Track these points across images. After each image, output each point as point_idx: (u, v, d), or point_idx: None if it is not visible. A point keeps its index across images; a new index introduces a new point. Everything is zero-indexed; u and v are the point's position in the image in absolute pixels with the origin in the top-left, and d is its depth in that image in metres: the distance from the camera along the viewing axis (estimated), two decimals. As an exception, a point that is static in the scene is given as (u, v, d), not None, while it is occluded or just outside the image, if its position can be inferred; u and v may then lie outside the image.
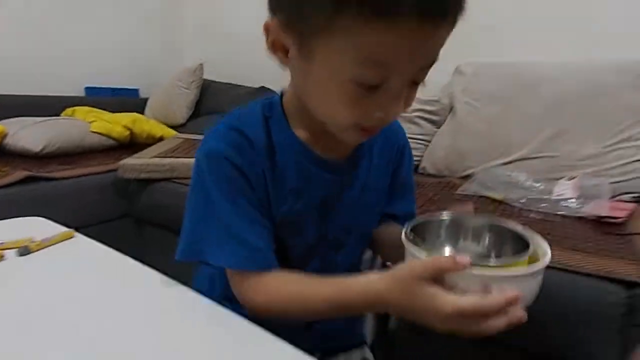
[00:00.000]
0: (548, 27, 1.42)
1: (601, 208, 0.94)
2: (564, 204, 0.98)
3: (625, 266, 0.69)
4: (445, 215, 0.45)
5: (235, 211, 0.44)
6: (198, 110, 2.12)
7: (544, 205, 1.00)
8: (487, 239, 0.44)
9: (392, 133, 0.54)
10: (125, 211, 1.39)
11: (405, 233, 0.41)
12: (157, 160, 1.31)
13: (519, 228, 0.41)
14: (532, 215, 0.98)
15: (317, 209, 0.49)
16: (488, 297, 0.33)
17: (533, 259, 0.37)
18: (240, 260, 0.44)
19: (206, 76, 2.16)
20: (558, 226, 0.90)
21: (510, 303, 0.33)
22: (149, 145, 1.58)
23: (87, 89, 2.10)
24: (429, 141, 1.52)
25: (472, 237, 0.45)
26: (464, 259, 0.34)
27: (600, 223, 0.91)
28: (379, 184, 0.54)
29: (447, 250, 0.44)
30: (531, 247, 0.38)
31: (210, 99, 2.11)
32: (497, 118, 1.37)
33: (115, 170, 1.33)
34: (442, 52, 0.38)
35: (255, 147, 0.45)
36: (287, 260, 0.49)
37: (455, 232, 0.45)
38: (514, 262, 0.36)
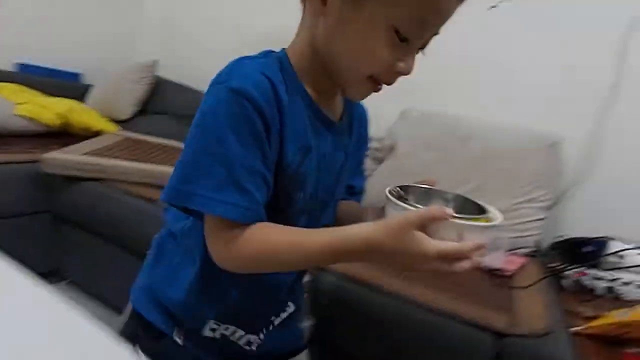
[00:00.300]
0: (484, 87, 1.57)
1: (497, 260, 1.06)
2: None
3: (499, 317, 0.79)
4: (418, 184, 0.53)
5: (245, 156, 0.43)
6: (145, 108, 2.05)
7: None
8: (452, 204, 0.52)
9: (364, 114, 0.61)
10: (44, 207, 1.30)
11: (391, 192, 0.47)
12: (87, 158, 1.25)
13: (477, 200, 0.51)
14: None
15: (318, 167, 0.51)
16: (464, 242, 0.40)
17: (490, 221, 0.45)
18: (239, 211, 0.43)
19: (160, 74, 2.12)
20: (459, 275, 1.00)
21: (479, 249, 0.40)
22: (85, 138, 1.51)
23: (19, 65, 1.89)
24: (369, 175, 1.61)
25: (441, 202, 0.52)
26: (449, 210, 0.40)
27: (494, 275, 1.03)
28: (355, 155, 0.59)
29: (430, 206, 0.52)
30: (489, 211, 0.47)
31: (160, 98, 2.06)
32: (431, 164, 1.49)
33: (38, 161, 1.24)
34: (393, 94, 0.48)
35: (278, 98, 0.45)
36: (283, 214, 0.49)
37: (427, 197, 0.53)
38: (480, 219, 0.44)
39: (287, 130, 0.46)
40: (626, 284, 1.06)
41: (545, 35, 1.43)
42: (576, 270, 1.09)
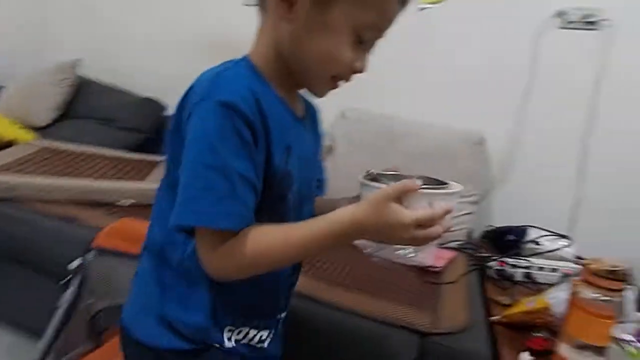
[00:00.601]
0: (417, 88, 1.62)
1: (428, 257, 1.11)
2: (399, 251, 1.13)
3: (424, 316, 0.83)
4: (385, 172, 0.60)
5: (239, 165, 0.45)
6: (67, 112, 1.88)
7: (385, 252, 1.13)
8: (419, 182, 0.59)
9: (317, 111, 0.66)
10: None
11: (365, 176, 0.53)
12: (-7, 175, 1.13)
13: (444, 178, 0.57)
14: (374, 260, 1.11)
15: (299, 163, 0.54)
16: (434, 208, 0.46)
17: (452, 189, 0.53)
18: (237, 221, 0.46)
19: (86, 74, 1.95)
20: (391, 274, 1.04)
21: (447, 212, 0.47)
22: (-6, 150, 1.36)
23: None
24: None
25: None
26: (419, 181, 0.47)
27: (424, 271, 1.08)
28: (317, 149, 0.65)
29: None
30: (449, 184, 0.54)
31: (85, 101, 1.89)
32: (367, 165, 1.50)
33: None
34: (332, 94, 0.55)
35: (261, 107, 0.47)
36: (277, 215, 0.52)
37: (396, 180, 0.58)
38: (444, 188, 0.52)
39: (271, 136, 0.49)
40: (541, 268, 1.16)
41: (471, 37, 1.50)
42: (498, 259, 1.17)
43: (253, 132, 0.46)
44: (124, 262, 0.95)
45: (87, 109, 1.86)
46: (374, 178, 0.54)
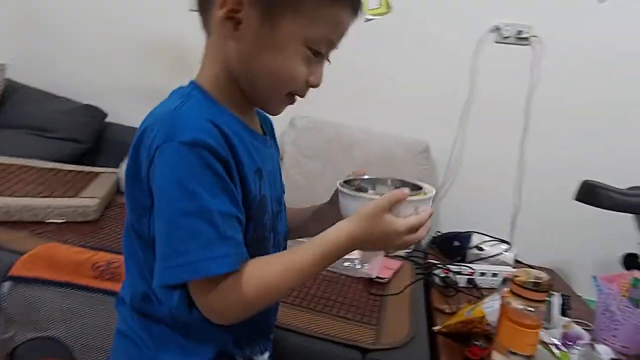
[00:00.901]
0: (366, 97, 1.64)
1: (374, 269, 1.12)
2: (346, 264, 1.13)
3: (367, 331, 0.84)
4: (356, 177, 0.62)
5: (219, 204, 0.43)
6: (-7, 120, 1.73)
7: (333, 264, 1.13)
8: (394, 186, 0.62)
9: (271, 122, 0.65)
10: None
11: (342, 185, 0.55)
12: None
13: (411, 179, 0.61)
14: (322, 273, 1.10)
15: (269, 184, 0.54)
16: (421, 214, 0.50)
17: (428, 192, 0.55)
18: (232, 261, 0.44)
19: (15, 78, 1.80)
20: (337, 288, 1.03)
21: (430, 216, 0.52)
22: None
23: None
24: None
25: (386, 187, 0.62)
26: (406, 190, 0.49)
27: (371, 283, 1.09)
28: (279, 162, 0.64)
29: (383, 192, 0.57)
30: (422, 186, 0.57)
31: (14, 108, 1.74)
32: (316, 174, 1.52)
33: None
34: None
35: (226, 137, 0.45)
36: (260, 241, 0.52)
37: (372, 184, 0.62)
38: (422, 193, 0.54)
39: (243, 165, 0.47)
40: (483, 274, 1.21)
41: (413, 52, 1.54)
42: (443, 267, 1.20)
43: (224, 165, 0.44)
44: (48, 290, 0.88)
45: (17, 117, 1.71)
46: (358, 187, 0.58)
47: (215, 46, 0.50)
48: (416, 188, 0.56)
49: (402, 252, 1.32)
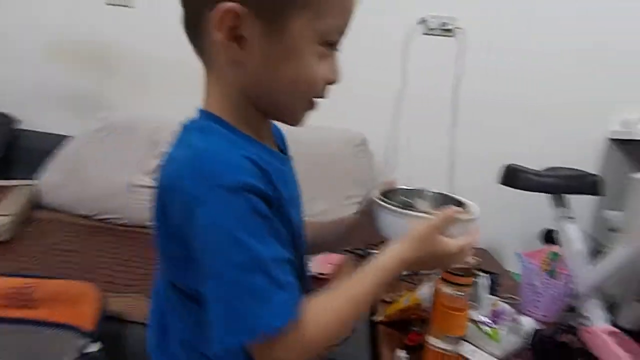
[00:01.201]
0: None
1: (317, 265, 1.11)
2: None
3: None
4: (388, 186, 0.60)
5: (272, 252, 0.41)
6: None
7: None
8: (436, 201, 0.60)
9: (283, 133, 0.62)
10: None
11: (382, 199, 0.54)
12: None
13: (446, 192, 0.61)
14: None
15: (297, 207, 0.53)
16: (471, 235, 0.51)
17: (473, 210, 0.56)
18: (293, 306, 0.41)
19: None
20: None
21: (478, 234, 0.52)
22: None
23: None
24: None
25: (426, 201, 0.60)
26: (458, 210, 0.50)
27: (314, 280, 1.07)
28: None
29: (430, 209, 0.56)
30: (465, 203, 0.57)
31: None
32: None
33: None
34: None
35: (264, 170, 0.43)
36: (299, 267, 0.50)
37: (411, 196, 0.60)
38: (469, 211, 0.54)
39: (283, 199, 0.46)
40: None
41: (345, 44, 1.54)
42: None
43: (268, 203, 0.42)
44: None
45: None
46: (404, 203, 0.56)
47: (221, 71, 0.46)
48: (456, 202, 0.57)
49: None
